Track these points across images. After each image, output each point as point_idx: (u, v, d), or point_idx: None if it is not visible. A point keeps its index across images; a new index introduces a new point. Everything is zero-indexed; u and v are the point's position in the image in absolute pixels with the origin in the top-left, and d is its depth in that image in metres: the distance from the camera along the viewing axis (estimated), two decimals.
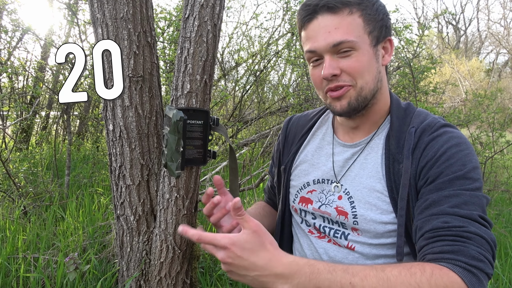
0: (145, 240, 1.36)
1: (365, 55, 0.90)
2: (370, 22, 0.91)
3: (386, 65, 1.00)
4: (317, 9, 0.89)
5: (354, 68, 0.90)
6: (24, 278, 1.85)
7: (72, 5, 3.85)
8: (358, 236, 0.96)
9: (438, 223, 0.79)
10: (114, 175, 1.36)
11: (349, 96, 0.93)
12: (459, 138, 0.88)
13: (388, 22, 0.95)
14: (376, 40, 0.92)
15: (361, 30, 0.90)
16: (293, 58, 5.30)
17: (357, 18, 0.89)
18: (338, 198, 0.99)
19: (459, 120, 4.34)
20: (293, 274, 0.74)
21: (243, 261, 0.74)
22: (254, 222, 0.77)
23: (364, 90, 0.92)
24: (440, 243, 0.77)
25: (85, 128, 6.56)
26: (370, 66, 0.92)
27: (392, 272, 0.72)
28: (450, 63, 17.93)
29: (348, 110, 0.94)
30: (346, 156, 1.02)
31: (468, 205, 0.80)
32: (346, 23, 0.88)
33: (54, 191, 3.39)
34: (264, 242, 0.76)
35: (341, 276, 0.73)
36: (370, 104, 0.96)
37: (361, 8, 0.90)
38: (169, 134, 1.11)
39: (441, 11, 18.74)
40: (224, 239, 0.76)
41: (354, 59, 0.90)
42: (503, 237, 2.86)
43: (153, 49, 1.36)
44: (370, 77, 0.92)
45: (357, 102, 0.93)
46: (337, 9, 0.88)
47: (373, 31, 0.91)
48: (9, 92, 4.74)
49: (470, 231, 0.76)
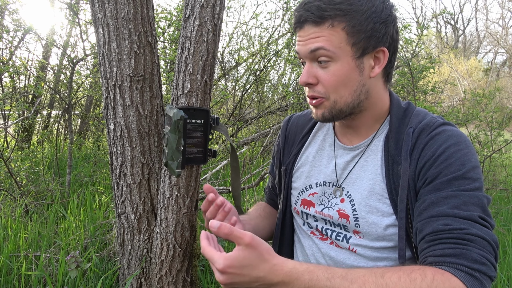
0: (145, 238, 1.37)
1: (343, 68, 0.88)
2: (354, 33, 0.87)
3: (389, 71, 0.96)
4: (302, 20, 0.89)
5: (329, 82, 0.89)
6: (25, 276, 1.87)
7: (73, 5, 3.86)
8: (360, 239, 0.95)
9: (439, 226, 0.78)
10: (115, 173, 1.37)
11: (323, 108, 0.92)
12: (458, 137, 0.87)
13: (384, 30, 0.89)
14: (362, 51, 0.88)
15: (343, 42, 0.87)
16: (293, 57, 5.30)
17: (340, 31, 0.86)
18: (341, 201, 0.99)
19: (458, 119, 4.34)
20: (293, 281, 0.73)
21: (244, 277, 0.73)
22: (247, 235, 0.73)
23: (338, 103, 0.91)
24: (441, 246, 0.76)
25: (86, 127, 6.56)
26: (349, 80, 0.89)
27: (392, 278, 0.71)
28: (448, 63, 17.91)
29: (323, 120, 0.95)
30: (347, 159, 1.01)
31: (467, 206, 0.78)
32: (326, 34, 0.87)
33: (55, 190, 3.40)
34: (262, 254, 0.74)
35: (339, 284, 0.72)
36: (355, 112, 0.94)
37: (346, 19, 0.86)
38: (169, 133, 1.12)
39: (439, 11, 18.73)
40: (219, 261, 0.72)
41: (331, 72, 0.88)
42: (501, 235, 2.87)
43: (154, 48, 1.37)
44: (347, 91, 0.90)
45: (330, 114, 0.92)
46: (318, 22, 0.87)
47: (358, 43, 0.87)
48: (10, 92, 4.75)
49: (472, 233, 0.75)
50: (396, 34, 0.93)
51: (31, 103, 5.22)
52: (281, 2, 6.29)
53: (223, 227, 0.73)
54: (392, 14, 0.91)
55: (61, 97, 4.35)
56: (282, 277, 0.74)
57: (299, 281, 0.73)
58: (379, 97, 0.97)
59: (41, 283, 1.82)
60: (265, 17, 17.49)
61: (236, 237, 0.73)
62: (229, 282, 0.74)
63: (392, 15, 0.91)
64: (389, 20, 0.90)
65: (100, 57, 1.32)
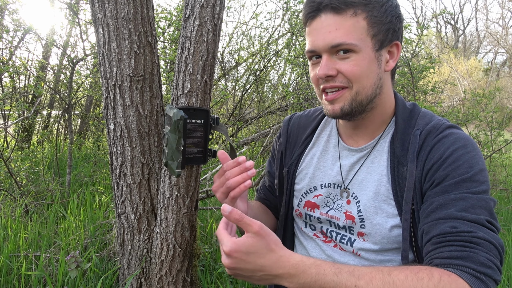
0: (145, 238, 1.37)
1: (365, 59, 0.87)
2: (375, 24, 0.87)
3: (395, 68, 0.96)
4: (321, 7, 0.86)
5: (351, 72, 0.87)
6: (25, 276, 1.87)
7: (73, 5, 3.86)
8: (364, 242, 0.95)
9: (446, 228, 0.78)
10: (115, 173, 1.37)
11: (343, 100, 0.90)
12: (465, 140, 0.87)
13: (398, 25, 0.90)
14: (380, 44, 0.88)
15: (364, 33, 0.86)
16: (293, 57, 5.30)
17: (361, 20, 0.86)
18: (347, 203, 0.99)
19: (458, 119, 4.34)
20: (300, 274, 0.73)
21: (249, 264, 0.73)
22: (257, 224, 0.74)
23: (360, 95, 0.89)
24: (448, 248, 0.76)
25: (86, 127, 6.57)
26: (370, 71, 0.88)
27: (399, 276, 0.71)
28: (448, 63, 17.91)
29: (340, 115, 0.92)
30: (353, 160, 1.00)
31: (475, 209, 0.78)
32: (348, 25, 0.85)
33: (55, 190, 3.40)
34: (269, 244, 0.74)
35: (346, 279, 0.72)
36: (367, 109, 0.93)
37: (367, 9, 0.86)
38: (169, 133, 1.12)
39: (439, 11, 18.70)
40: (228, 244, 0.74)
41: (353, 63, 0.86)
42: (501, 235, 2.87)
43: (154, 48, 1.37)
44: (368, 83, 0.89)
45: (350, 107, 0.90)
46: (340, 9, 0.85)
47: (378, 35, 0.87)
48: (10, 92, 4.76)
49: (479, 237, 0.75)
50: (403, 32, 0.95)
51: (31, 103, 5.22)
52: (281, 2, 6.30)
53: (234, 212, 0.74)
54: (401, 12, 0.93)
55: (61, 97, 4.35)
56: (288, 269, 0.74)
57: (306, 274, 0.73)
58: (388, 94, 0.97)
59: (41, 283, 1.82)
60: (265, 17, 17.48)
61: (245, 224, 0.74)
62: (234, 267, 0.75)
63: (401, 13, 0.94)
64: (401, 17, 0.92)
65: (100, 57, 1.32)
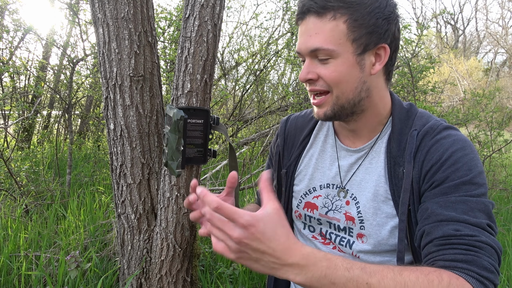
0: (145, 238, 1.37)
1: (344, 64, 0.87)
2: (355, 28, 0.86)
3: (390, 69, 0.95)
4: (305, 11, 0.88)
5: (329, 77, 0.88)
6: (25, 276, 1.87)
7: (73, 5, 3.86)
8: (363, 244, 0.95)
9: (449, 230, 0.78)
10: (115, 173, 1.37)
11: (326, 105, 0.92)
12: (463, 142, 0.87)
13: (386, 26, 0.89)
14: (364, 47, 0.88)
15: (343, 37, 0.86)
16: (293, 57, 5.31)
17: (341, 24, 0.86)
18: (346, 204, 0.99)
19: (458, 119, 4.35)
20: (309, 266, 0.69)
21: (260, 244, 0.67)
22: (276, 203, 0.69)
23: (340, 99, 0.90)
24: (452, 251, 0.76)
25: (86, 127, 6.57)
26: (350, 76, 0.88)
27: (410, 277, 0.70)
28: (448, 63, 17.91)
29: (324, 119, 0.94)
30: (351, 161, 1.00)
31: (474, 212, 0.79)
32: (327, 29, 0.86)
33: (55, 190, 3.40)
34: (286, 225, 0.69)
35: (358, 275, 0.70)
36: (356, 111, 0.93)
37: (348, 12, 0.85)
38: (169, 133, 1.12)
39: (439, 11, 18.72)
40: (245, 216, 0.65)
41: (332, 68, 0.87)
42: (501, 235, 2.87)
43: (154, 48, 1.37)
44: (348, 88, 0.89)
45: (332, 112, 0.91)
46: (320, 13, 0.86)
47: (359, 39, 0.87)
48: (11, 92, 4.76)
49: (482, 241, 0.76)
50: (398, 32, 0.93)
51: (31, 103, 5.22)
52: (281, 2, 6.30)
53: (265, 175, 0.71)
54: (395, 12, 0.91)
55: (61, 97, 4.35)
56: (298, 259, 0.69)
57: (316, 267, 0.70)
58: (380, 96, 0.96)
59: (41, 283, 1.82)
60: (265, 17, 17.50)
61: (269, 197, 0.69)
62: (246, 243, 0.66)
63: (395, 13, 0.91)
64: (391, 17, 0.90)
65: (100, 57, 1.32)
